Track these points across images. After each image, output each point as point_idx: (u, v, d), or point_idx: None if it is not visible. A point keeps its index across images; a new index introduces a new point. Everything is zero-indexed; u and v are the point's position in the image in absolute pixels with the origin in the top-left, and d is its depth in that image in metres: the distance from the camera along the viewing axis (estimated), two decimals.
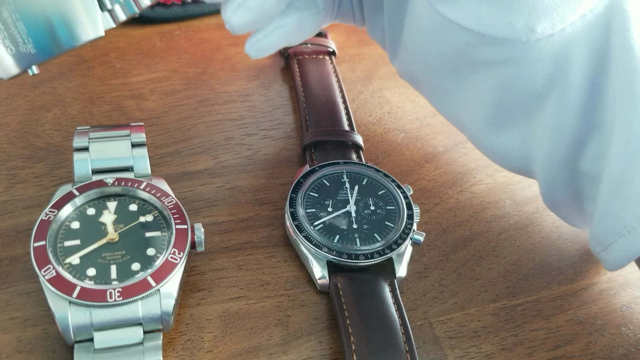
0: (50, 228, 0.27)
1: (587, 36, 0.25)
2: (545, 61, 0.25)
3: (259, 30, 0.31)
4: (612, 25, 0.24)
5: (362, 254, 0.30)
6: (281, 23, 0.31)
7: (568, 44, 0.25)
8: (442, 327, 0.30)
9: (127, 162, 0.31)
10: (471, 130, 0.31)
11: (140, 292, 0.26)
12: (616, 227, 0.25)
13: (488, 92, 0.28)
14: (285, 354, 0.28)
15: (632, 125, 0.24)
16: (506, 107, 0.28)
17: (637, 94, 0.24)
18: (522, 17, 0.24)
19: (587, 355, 0.29)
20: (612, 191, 0.25)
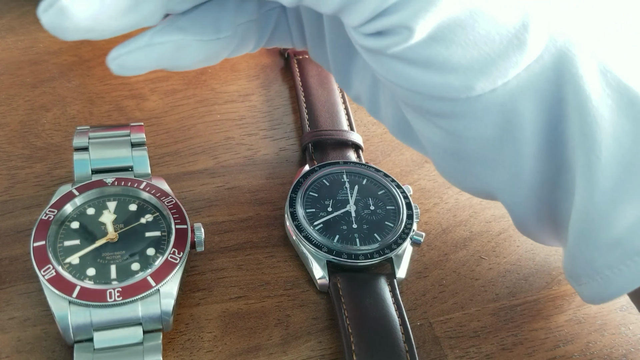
0: (50, 228, 0.27)
1: (535, 87, 0.23)
2: (491, 114, 0.24)
3: (125, 43, 0.25)
4: (563, 74, 0.23)
5: (362, 254, 0.30)
6: (152, 41, 0.25)
7: (514, 95, 0.23)
8: (442, 327, 0.30)
9: (126, 162, 0.31)
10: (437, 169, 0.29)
11: (140, 292, 0.26)
12: (588, 271, 0.24)
13: (440, 143, 0.26)
14: (285, 353, 0.28)
15: (595, 178, 0.23)
16: (461, 158, 0.26)
17: (597, 144, 0.22)
18: (457, 77, 0.22)
19: (586, 355, 0.29)
20: (580, 238, 0.24)
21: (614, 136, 0.22)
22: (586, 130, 0.22)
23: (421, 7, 0.20)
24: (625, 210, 0.22)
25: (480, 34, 0.21)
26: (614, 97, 0.22)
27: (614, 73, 0.22)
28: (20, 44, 0.42)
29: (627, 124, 0.22)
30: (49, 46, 0.42)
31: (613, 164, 0.22)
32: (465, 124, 0.24)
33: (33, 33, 0.43)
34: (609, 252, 0.23)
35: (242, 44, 0.28)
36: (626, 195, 0.22)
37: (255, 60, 0.44)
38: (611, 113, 0.22)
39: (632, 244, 0.22)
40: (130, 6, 0.22)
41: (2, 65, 0.41)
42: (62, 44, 0.43)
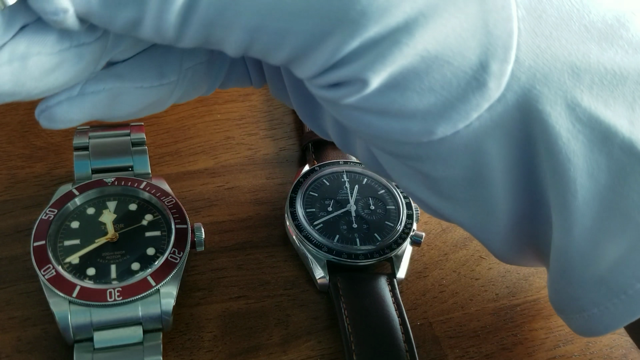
0: (50, 228, 0.27)
1: (500, 127, 0.22)
2: (457, 156, 0.23)
3: (54, 94, 0.22)
4: (529, 112, 0.21)
5: (362, 253, 0.30)
6: (85, 90, 0.22)
7: (479, 137, 0.22)
8: (442, 327, 0.30)
9: (126, 161, 0.31)
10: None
11: (140, 292, 0.26)
12: (574, 307, 0.24)
13: (414, 183, 0.25)
14: (285, 353, 0.28)
15: (573, 217, 0.22)
16: (434, 198, 0.25)
17: (571, 182, 0.21)
18: (416, 122, 0.21)
19: (586, 355, 0.29)
20: (562, 275, 0.23)
21: (588, 173, 0.21)
22: (558, 168, 0.22)
23: (373, 59, 0.20)
24: (607, 248, 0.22)
25: (435, 79, 0.20)
26: (585, 133, 0.21)
27: (584, 106, 0.21)
28: None
29: (602, 160, 0.21)
30: None
31: (590, 202, 0.22)
32: (432, 166, 0.23)
33: None
34: (594, 290, 0.22)
35: (191, 88, 0.26)
36: (607, 233, 0.22)
37: None
38: (584, 149, 0.21)
39: (616, 282, 0.22)
40: (55, 65, 0.20)
41: None
42: None
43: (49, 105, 0.22)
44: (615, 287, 0.22)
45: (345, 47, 0.19)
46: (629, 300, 0.22)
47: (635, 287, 0.21)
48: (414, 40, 0.19)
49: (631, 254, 0.21)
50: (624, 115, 0.21)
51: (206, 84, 0.27)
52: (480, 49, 0.20)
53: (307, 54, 0.20)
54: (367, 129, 0.23)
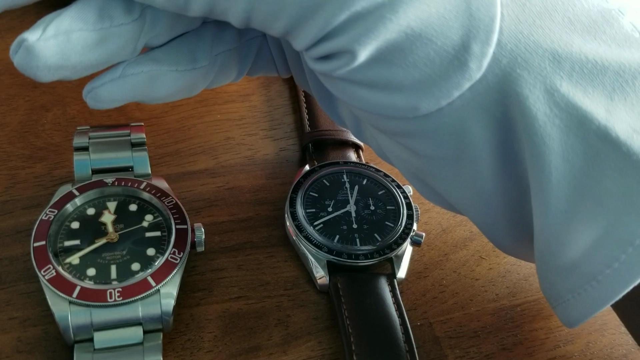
0: (50, 228, 0.27)
1: (482, 107, 0.23)
2: (442, 134, 0.24)
3: (99, 76, 0.25)
4: (508, 94, 0.22)
5: (362, 254, 0.30)
6: (125, 72, 0.25)
7: (462, 115, 0.23)
8: (442, 327, 0.30)
9: (127, 162, 0.31)
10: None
11: (140, 292, 0.26)
12: (554, 294, 0.24)
13: (406, 162, 0.27)
14: (285, 354, 0.28)
15: (547, 198, 0.22)
16: (425, 176, 0.26)
17: (546, 165, 0.22)
18: (401, 97, 0.23)
19: (586, 355, 0.29)
20: (541, 261, 0.24)
21: (563, 157, 0.22)
22: (535, 151, 0.22)
23: (360, 32, 0.21)
24: (580, 232, 0.22)
25: (419, 56, 0.22)
26: (562, 117, 0.22)
27: (562, 92, 0.22)
28: None
29: (577, 144, 0.22)
30: None
31: (564, 186, 0.22)
32: (420, 143, 0.24)
33: None
34: (568, 276, 0.23)
35: (222, 73, 0.28)
36: (580, 218, 0.22)
37: None
38: (560, 133, 0.22)
39: (589, 268, 0.22)
40: (97, 41, 0.23)
41: (2, 65, 0.41)
42: None
43: (95, 86, 0.25)
44: (587, 273, 0.22)
45: (334, 19, 0.21)
46: (600, 287, 0.22)
47: (604, 273, 0.21)
48: (398, 16, 0.21)
49: (602, 240, 0.21)
50: (602, 103, 0.21)
51: (235, 70, 0.29)
52: (463, 30, 0.22)
53: (302, 25, 0.21)
54: (358, 103, 0.24)
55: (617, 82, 0.22)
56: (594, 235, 0.22)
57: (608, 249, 0.21)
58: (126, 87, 0.25)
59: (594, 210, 0.21)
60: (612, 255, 0.21)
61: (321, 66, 0.23)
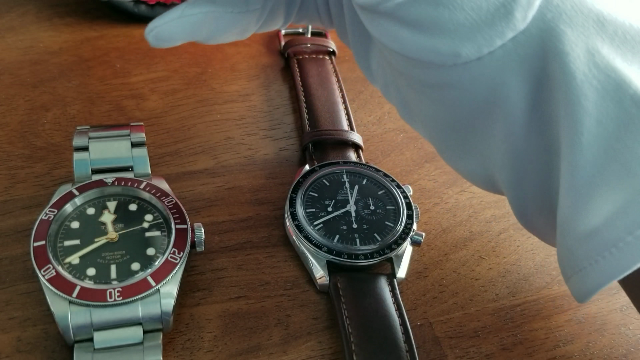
0: (50, 228, 0.27)
1: (522, 59, 0.23)
2: (479, 85, 0.24)
3: (160, 16, 0.28)
4: (549, 49, 0.22)
5: (362, 253, 0.30)
6: (185, 13, 0.28)
7: (500, 66, 0.23)
8: (442, 327, 0.30)
9: (126, 161, 0.31)
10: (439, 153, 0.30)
11: (140, 292, 0.26)
12: (570, 262, 0.23)
13: (437, 116, 0.27)
14: (285, 353, 0.28)
15: (576, 159, 0.22)
16: (458, 133, 0.26)
17: (579, 125, 0.22)
18: (444, 41, 0.23)
19: (586, 355, 0.29)
20: (562, 226, 0.23)
21: (597, 119, 0.21)
22: (569, 110, 0.22)
23: None
24: (605, 197, 0.22)
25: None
26: (600, 79, 0.21)
27: (603, 54, 0.22)
28: (21, 43, 0.42)
29: (612, 108, 0.21)
30: (49, 46, 0.42)
31: (595, 148, 0.22)
32: (454, 95, 0.25)
33: (33, 33, 0.43)
34: (588, 242, 0.22)
35: (271, 18, 0.31)
36: (606, 182, 0.22)
37: (256, 60, 0.44)
38: (596, 95, 0.21)
39: (610, 234, 0.21)
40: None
41: (3, 65, 0.41)
42: (62, 44, 0.43)
43: (157, 25, 0.28)
44: (607, 240, 0.21)
45: None
46: (619, 254, 0.21)
47: (626, 240, 0.21)
48: None
49: (627, 206, 0.21)
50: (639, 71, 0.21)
51: (282, 17, 0.32)
52: None
53: None
54: (399, 45, 0.24)
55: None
56: (619, 200, 0.21)
57: (632, 216, 0.21)
58: (185, 26, 0.28)
59: (621, 176, 0.21)
60: (636, 222, 0.21)
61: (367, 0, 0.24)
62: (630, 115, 0.21)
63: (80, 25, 0.44)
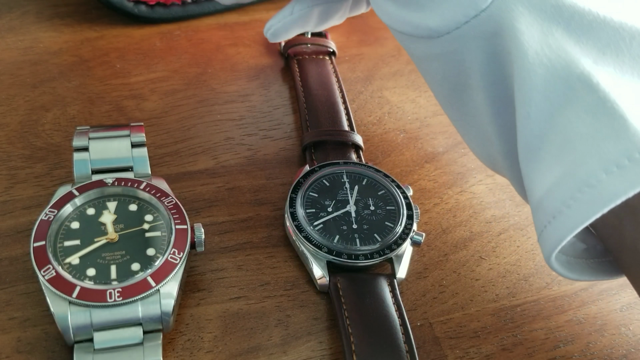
0: (50, 228, 0.27)
1: (483, 36, 0.25)
2: (451, 57, 0.26)
3: (275, 16, 0.35)
4: (506, 27, 0.24)
5: (362, 254, 0.30)
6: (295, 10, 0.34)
7: (466, 42, 0.25)
8: (442, 328, 0.30)
9: (127, 162, 0.31)
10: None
11: (140, 292, 0.26)
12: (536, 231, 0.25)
13: (431, 83, 0.30)
14: (285, 354, 0.28)
15: (525, 131, 0.24)
16: (450, 99, 0.29)
17: (528, 99, 0.23)
18: (419, 15, 0.26)
19: (587, 355, 0.29)
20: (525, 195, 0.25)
21: (544, 94, 0.23)
22: (520, 84, 0.23)
23: None
24: (548, 169, 0.23)
25: None
26: (550, 57, 0.23)
27: (556, 36, 0.23)
28: (21, 44, 0.42)
29: (560, 85, 0.22)
30: (49, 46, 0.42)
31: (541, 121, 0.23)
32: (436, 66, 0.28)
33: (33, 33, 0.43)
34: (537, 211, 0.24)
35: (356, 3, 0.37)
36: (549, 155, 0.23)
37: (255, 60, 0.44)
38: (545, 72, 0.23)
39: (550, 204, 0.22)
40: None
41: (2, 66, 0.41)
42: (62, 44, 0.43)
43: (272, 24, 0.36)
44: (548, 210, 0.23)
45: None
46: (556, 224, 0.22)
47: (561, 210, 0.22)
48: None
49: (564, 178, 0.22)
50: (592, 54, 0.23)
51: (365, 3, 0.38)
52: None
53: None
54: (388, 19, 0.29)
55: (614, 39, 0.23)
56: (558, 172, 0.22)
57: (567, 187, 0.22)
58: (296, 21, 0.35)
59: (562, 149, 0.22)
60: (570, 194, 0.22)
61: None
62: (576, 93, 0.22)
63: (80, 26, 0.44)
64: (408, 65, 0.45)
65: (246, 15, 0.48)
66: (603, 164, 0.21)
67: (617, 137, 0.21)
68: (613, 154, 0.20)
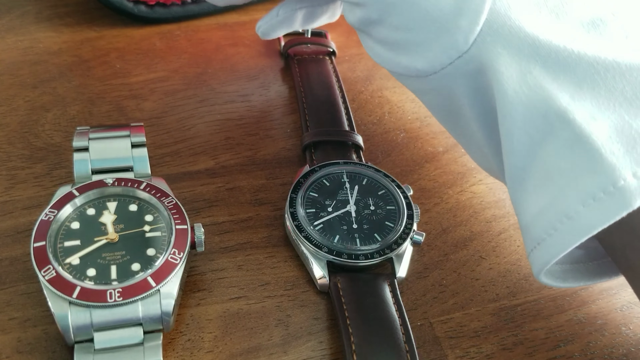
0: (50, 228, 0.27)
1: (467, 75, 0.27)
2: (441, 93, 0.28)
3: (264, 18, 0.37)
4: (487, 67, 0.26)
5: (362, 254, 0.30)
6: (280, 13, 0.36)
7: (452, 80, 0.27)
8: (442, 327, 0.30)
9: (127, 162, 0.31)
10: None
11: (140, 293, 0.26)
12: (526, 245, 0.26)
13: (434, 112, 0.32)
14: (286, 354, 0.28)
15: (509, 163, 0.25)
16: (449, 126, 0.31)
17: (510, 134, 0.25)
18: (405, 58, 0.28)
19: (587, 355, 0.29)
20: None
21: (524, 129, 0.24)
22: (502, 120, 0.25)
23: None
24: (532, 199, 0.24)
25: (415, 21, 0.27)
26: (529, 95, 0.24)
27: (534, 74, 0.24)
28: (20, 44, 0.42)
29: (538, 120, 0.24)
30: (49, 46, 0.42)
31: (523, 155, 0.24)
32: (430, 99, 0.30)
33: (33, 33, 0.43)
34: (525, 235, 0.25)
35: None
36: (532, 186, 0.24)
37: (256, 60, 0.44)
38: (524, 108, 0.24)
39: (534, 232, 0.24)
40: None
41: (2, 66, 0.41)
42: (62, 45, 0.43)
43: (261, 25, 0.38)
44: (533, 237, 0.24)
45: None
46: (540, 250, 0.24)
47: (543, 239, 0.24)
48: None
49: (547, 208, 0.23)
50: (568, 90, 0.24)
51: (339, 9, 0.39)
52: (455, 6, 0.26)
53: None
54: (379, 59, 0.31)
55: (589, 72, 0.23)
56: (541, 203, 0.24)
57: (549, 218, 0.23)
58: (282, 23, 0.37)
59: (544, 181, 0.24)
60: (551, 225, 0.23)
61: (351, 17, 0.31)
62: (553, 128, 0.23)
63: (80, 26, 0.44)
64: None
65: (246, 15, 0.48)
66: (580, 197, 0.22)
67: (593, 171, 0.22)
68: (589, 188, 0.22)
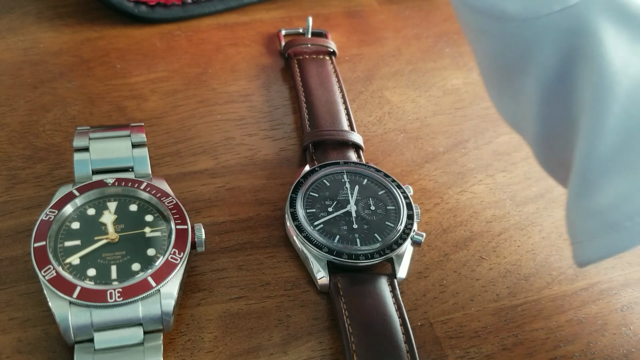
0: (51, 228, 0.27)
1: (561, 32, 0.24)
2: (518, 42, 0.26)
3: None
4: (591, 30, 0.24)
5: (362, 254, 0.30)
6: None
7: (540, 33, 0.25)
8: (443, 327, 0.30)
9: (127, 162, 0.31)
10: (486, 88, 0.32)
11: (140, 293, 0.26)
12: (573, 232, 0.25)
13: (483, 60, 0.30)
14: (286, 354, 0.28)
15: (595, 141, 0.23)
16: (497, 77, 0.29)
17: (606, 110, 0.23)
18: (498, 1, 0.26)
19: (587, 355, 0.29)
20: (572, 198, 0.25)
21: (626, 107, 0.22)
22: (599, 93, 0.23)
23: None
24: (615, 181, 0.23)
25: None
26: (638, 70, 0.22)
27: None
28: (21, 44, 0.42)
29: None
30: (49, 47, 0.42)
31: (617, 134, 0.23)
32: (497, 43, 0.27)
33: (34, 33, 0.43)
34: (591, 219, 0.23)
35: None
36: (621, 168, 0.23)
37: (256, 60, 0.44)
38: (630, 84, 0.22)
39: (611, 216, 0.23)
40: None
41: (3, 66, 0.41)
42: (63, 45, 0.43)
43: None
44: (609, 221, 0.23)
45: None
46: (617, 236, 0.22)
47: (625, 224, 0.22)
48: None
49: (633, 194, 0.22)
50: None
51: None
52: None
53: None
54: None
55: None
56: (626, 187, 0.22)
57: (635, 203, 0.22)
58: None
59: (634, 164, 0.22)
60: (637, 210, 0.22)
61: None
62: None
63: (80, 26, 0.44)
64: (408, 65, 0.45)
65: (246, 15, 0.48)
66: None
67: None
68: None
